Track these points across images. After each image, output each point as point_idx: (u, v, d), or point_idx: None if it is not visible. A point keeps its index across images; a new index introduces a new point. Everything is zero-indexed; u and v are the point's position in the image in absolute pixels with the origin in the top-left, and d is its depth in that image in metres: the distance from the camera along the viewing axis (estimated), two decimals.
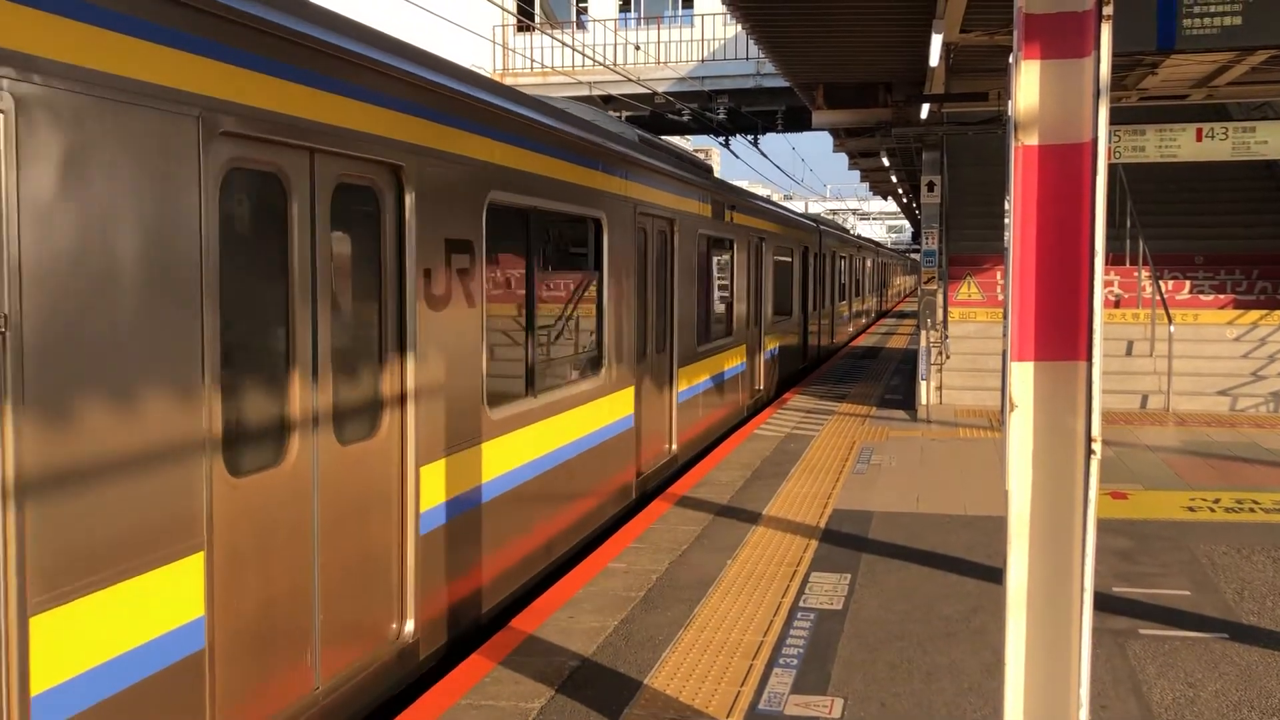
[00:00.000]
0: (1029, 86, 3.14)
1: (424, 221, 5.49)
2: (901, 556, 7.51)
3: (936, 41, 11.40)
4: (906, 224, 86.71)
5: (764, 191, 48.76)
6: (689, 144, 41.98)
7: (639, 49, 25.92)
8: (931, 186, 16.50)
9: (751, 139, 26.70)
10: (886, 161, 27.59)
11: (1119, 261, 16.92)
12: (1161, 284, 16.29)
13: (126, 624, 3.60)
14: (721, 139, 27.05)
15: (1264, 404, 14.80)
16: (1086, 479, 3.13)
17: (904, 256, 71.86)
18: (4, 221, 3.14)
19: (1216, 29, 9.09)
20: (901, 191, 40.86)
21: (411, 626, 5.42)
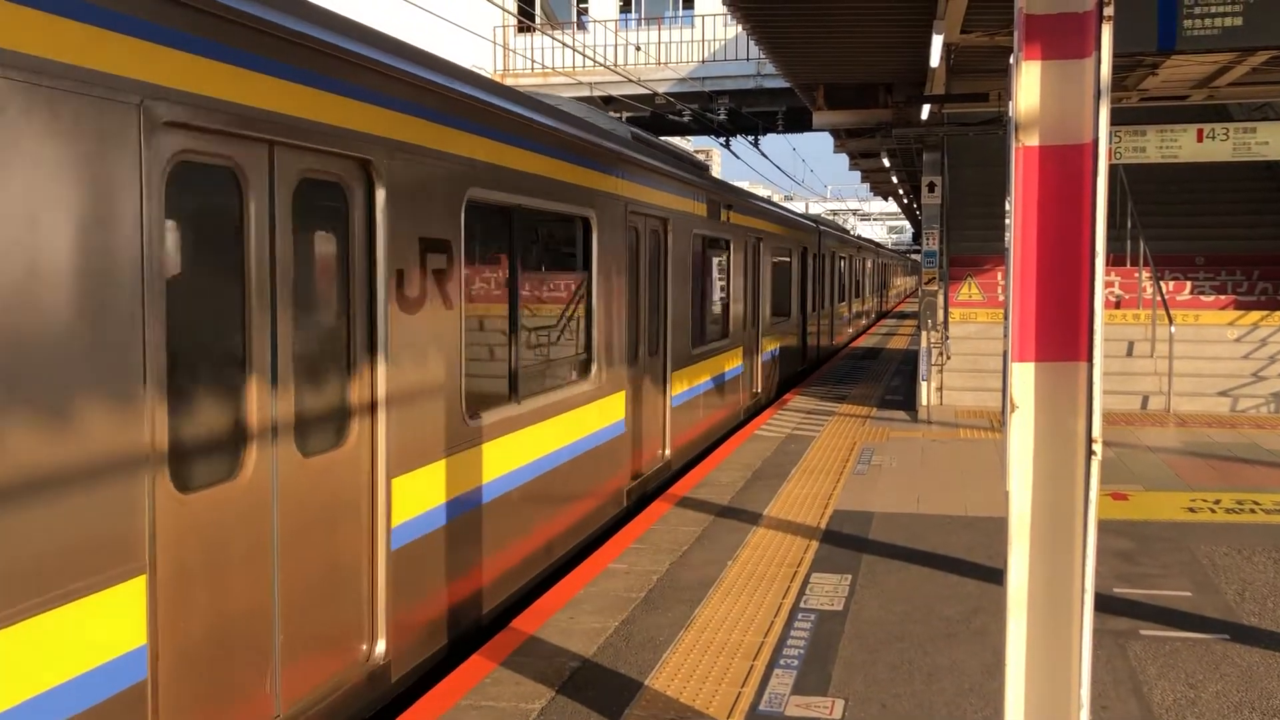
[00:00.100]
0: (1030, 87, 3.15)
1: (396, 219, 5.22)
2: (902, 557, 7.51)
3: (937, 42, 11.41)
4: (907, 225, 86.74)
5: (765, 192, 48.82)
6: (690, 144, 42.03)
7: (640, 50, 25.93)
8: (932, 187, 16.52)
9: (752, 140, 26.70)
10: (887, 162, 27.60)
11: (1120, 262, 16.92)
12: (1162, 285, 16.29)
13: (54, 657, 3.32)
14: (722, 140, 27.06)
15: (1265, 405, 14.80)
16: (1087, 480, 3.13)
17: (904, 257, 71.88)
18: None
19: (1217, 29, 9.10)
20: (902, 192, 40.87)
21: (383, 647, 5.17)
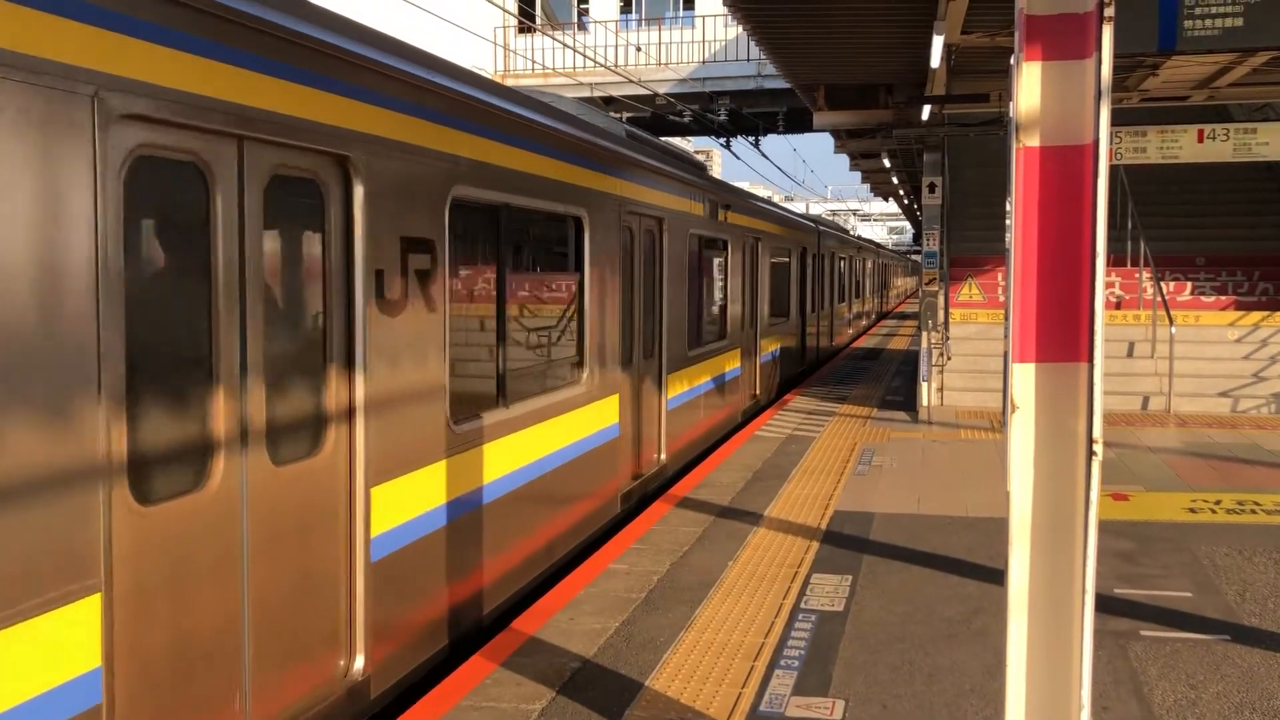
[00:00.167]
0: (1030, 88, 3.15)
1: (376, 218, 5.02)
2: (903, 558, 7.51)
3: (938, 43, 11.41)
4: (908, 225, 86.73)
5: (765, 192, 48.83)
6: (690, 145, 42.06)
7: (640, 50, 25.93)
8: (933, 188, 16.53)
9: (753, 140, 26.70)
10: (888, 163, 27.62)
11: (1120, 263, 16.93)
12: (1163, 285, 16.30)
13: None
14: (723, 140, 27.06)
15: (1265, 405, 14.80)
16: (1088, 480, 3.13)
17: (905, 258, 71.87)
18: None
19: (1217, 30, 9.10)
20: (903, 193, 40.87)
21: (361, 663, 4.96)
